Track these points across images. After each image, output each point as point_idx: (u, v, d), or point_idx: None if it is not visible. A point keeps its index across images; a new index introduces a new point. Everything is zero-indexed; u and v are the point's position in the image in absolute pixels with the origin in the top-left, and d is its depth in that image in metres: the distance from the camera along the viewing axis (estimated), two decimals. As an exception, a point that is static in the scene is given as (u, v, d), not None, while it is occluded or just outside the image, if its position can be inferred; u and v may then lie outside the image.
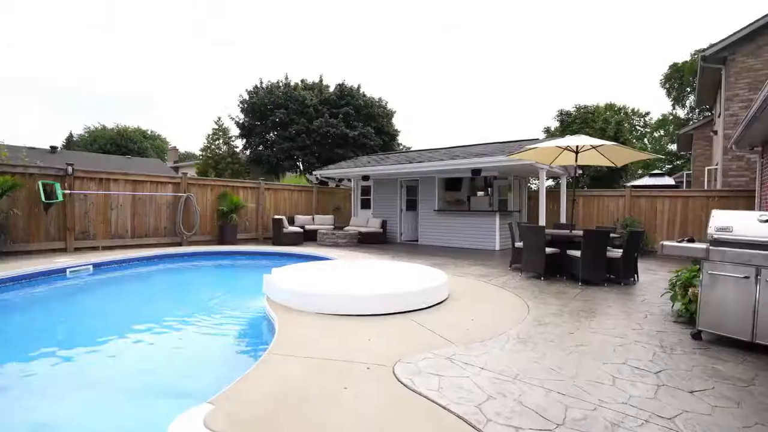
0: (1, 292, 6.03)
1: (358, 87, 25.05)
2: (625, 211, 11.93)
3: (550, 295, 5.74)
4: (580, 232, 6.77)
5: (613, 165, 8.04)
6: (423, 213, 13.37)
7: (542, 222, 10.42)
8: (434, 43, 75.95)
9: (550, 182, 23.92)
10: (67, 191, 9.36)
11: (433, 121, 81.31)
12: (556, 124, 23.98)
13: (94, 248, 9.79)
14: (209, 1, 67.13)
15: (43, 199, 8.86)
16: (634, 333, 4.05)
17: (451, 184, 14.10)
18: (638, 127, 37.04)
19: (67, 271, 7.33)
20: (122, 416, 2.89)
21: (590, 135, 19.06)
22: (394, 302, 4.54)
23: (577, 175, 15.35)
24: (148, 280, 8.12)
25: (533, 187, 16.38)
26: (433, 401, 2.50)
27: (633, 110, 35.52)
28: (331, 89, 25.11)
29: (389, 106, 26.43)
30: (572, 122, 22.47)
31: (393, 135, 26.42)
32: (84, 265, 7.65)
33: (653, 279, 7.13)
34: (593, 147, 7.27)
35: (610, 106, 29.30)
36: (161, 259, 9.24)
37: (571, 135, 9.03)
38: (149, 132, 44.70)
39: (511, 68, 78.02)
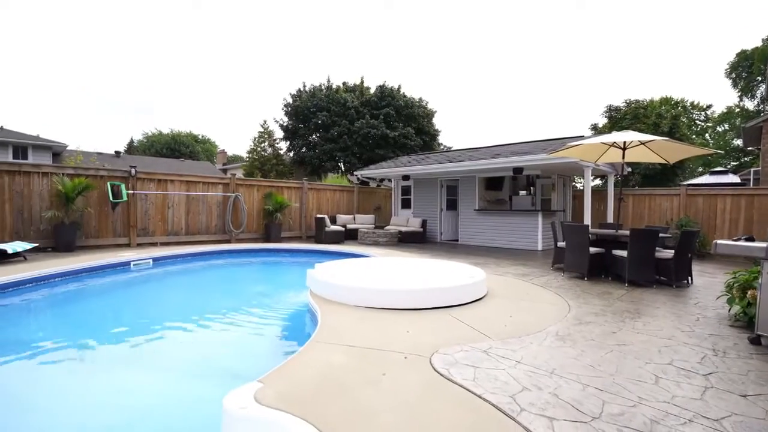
0: (80, 280, 6.75)
1: (399, 88, 25.22)
2: (680, 211, 11.25)
3: (593, 295, 5.59)
4: (627, 232, 6.52)
5: (666, 162, 7.65)
6: (463, 212, 13.29)
7: (587, 222, 10.07)
8: (475, 41, 74.75)
9: (597, 181, 22.95)
10: (131, 191, 10.19)
11: (474, 120, 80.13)
12: (604, 120, 22.96)
13: (153, 244, 10.58)
14: (254, 11, 69.95)
15: (111, 198, 9.71)
16: (683, 335, 3.89)
17: (492, 183, 13.91)
18: (698, 122, 34.58)
19: (131, 264, 8.02)
20: (182, 390, 3.20)
21: (642, 131, 18.10)
22: (432, 297, 4.62)
23: (626, 173, 14.66)
24: (201, 274, 8.68)
25: (579, 186, 15.81)
26: (468, 390, 2.58)
27: (692, 104, 33.21)
28: (372, 90, 25.44)
29: (430, 106, 26.40)
30: (622, 118, 21.43)
31: (433, 135, 26.36)
32: (145, 259, 8.32)
33: (710, 282, 6.73)
34: (642, 143, 6.96)
35: (665, 100, 27.64)
36: (212, 255, 9.85)
37: (620, 132, 8.68)
38: (200, 136, 47.27)
39: (556, 63, 75.23)
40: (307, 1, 65.65)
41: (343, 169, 24.69)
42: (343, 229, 13.19)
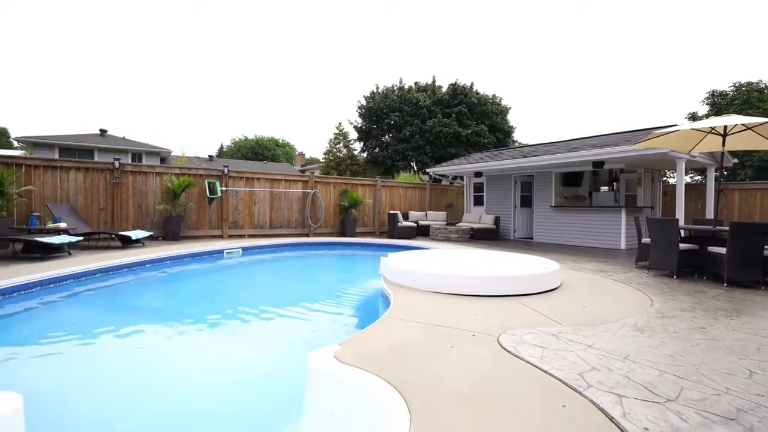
0: (186, 264, 7.82)
1: (471, 85, 24.85)
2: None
3: (681, 293, 5.18)
4: (727, 228, 5.90)
5: (778, 149, 6.76)
6: (538, 209, 12.82)
7: (680, 219, 9.19)
8: (552, 30, 70.58)
9: (691, 176, 20.54)
10: (224, 188, 11.37)
11: (552, 115, 75.84)
12: (705, 108, 20.44)
13: (242, 236, 11.70)
14: (330, 20, 73.04)
15: (207, 194, 10.94)
16: (789, 335, 3.52)
17: (570, 178, 13.22)
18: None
19: (224, 252, 9.00)
20: (272, 354, 3.65)
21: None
22: (502, 285, 4.65)
23: (729, 164, 13.05)
24: (283, 263, 9.46)
25: (672, 181, 14.37)
26: (534, 365, 2.64)
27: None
28: (444, 89, 25.37)
29: (504, 103, 25.65)
30: (729, 104, 18.89)
31: (508, 132, 25.56)
32: (235, 248, 9.28)
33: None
34: (747, 127, 6.24)
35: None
36: (293, 247, 10.66)
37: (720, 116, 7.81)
38: (281, 140, 50.61)
39: (644, 49, 68.36)
40: (380, 5, 67.08)
41: (415, 168, 24.95)
42: (415, 225, 13.42)
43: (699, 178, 20.47)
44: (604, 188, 13.07)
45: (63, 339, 3.83)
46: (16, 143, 26.53)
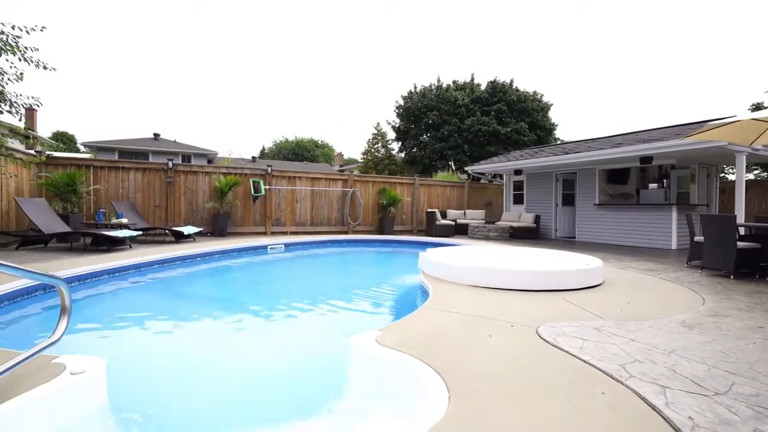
0: (233, 258, 8.30)
1: (511, 82, 24.32)
2: None
3: (739, 293, 4.90)
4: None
5: None
6: (581, 208, 12.41)
7: (740, 218, 8.62)
8: (596, 20, 67.55)
9: (756, 172, 18.99)
10: (268, 186, 11.85)
11: (596, 112, 72.63)
12: (771, 99, 18.87)
13: (284, 233, 12.14)
14: (368, 21, 73.75)
15: (252, 192, 11.45)
16: None
17: (615, 175, 12.69)
18: None
19: (268, 248, 9.41)
20: (317, 338, 3.84)
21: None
22: (542, 280, 4.61)
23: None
24: (324, 258, 9.76)
25: (730, 177, 13.44)
26: (573, 355, 2.64)
27: None
28: (483, 87, 24.99)
29: (545, 99, 24.91)
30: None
31: (549, 129, 24.80)
32: (278, 244, 9.67)
33: None
34: (815, 118, 5.77)
35: None
36: (333, 244, 10.96)
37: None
38: (320, 141, 51.71)
39: (697, 39, 63.92)
40: (416, 5, 66.97)
41: (453, 167, 24.77)
42: (453, 223, 13.37)
43: (766, 174, 18.99)
44: (653, 185, 12.44)
45: (132, 318, 4.22)
46: (82, 148, 28.84)
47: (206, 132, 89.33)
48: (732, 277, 5.85)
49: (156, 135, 30.20)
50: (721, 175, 12.12)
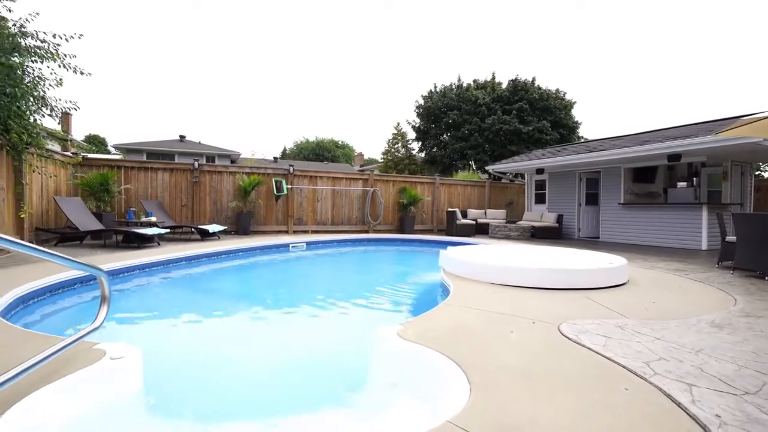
0: (256, 255, 8.52)
1: (533, 80, 23.97)
2: None
3: (773, 294, 4.74)
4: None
5: None
6: (605, 207, 12.15)
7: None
8: (618, 17, 65.72)
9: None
10: (289, 186, 12.06)
11: (621, 110, 70.67)
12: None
13: (305, 231, 12.32)
14: (388, 19, 73.86)
15: (275, 192, 11.67)
16: None
17: (642, 174, 12.35)
18: None
19: (290, 246, 9.59)
20: (339, 331, 3.93)
21: None
22: (564, 278, 4.57)
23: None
24: (345, 256, 9.89)
25: (767, 175, 12.90)
26: (596, 352, 2.62)
27: None
28: (504, 85, 24.71)
29: (568, 97, 24.44)
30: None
31: (572, 128, 24.32)
32: (300, 242, 9.85)
33: None
34: None
35: None
36: (353, 242, 11.09)
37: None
38: (340, 142, 52.13)
39: (728, 31, 61.30)
40: (438, 5, 66.68)
41: (474, 167, 24.58)
42: (474, 223, 13.30)
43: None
44: (682, 184, 12.06)
45: (164, 311, 4.41)
46: (113, 150, 29.97)
47: (229, 134, 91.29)
48: (767, 278, 5.65)
49: (182, 137, 31.08)
50: (757, 172, 11.63)
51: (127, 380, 2.28)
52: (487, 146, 22.81)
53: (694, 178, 11.54)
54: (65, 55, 6.47)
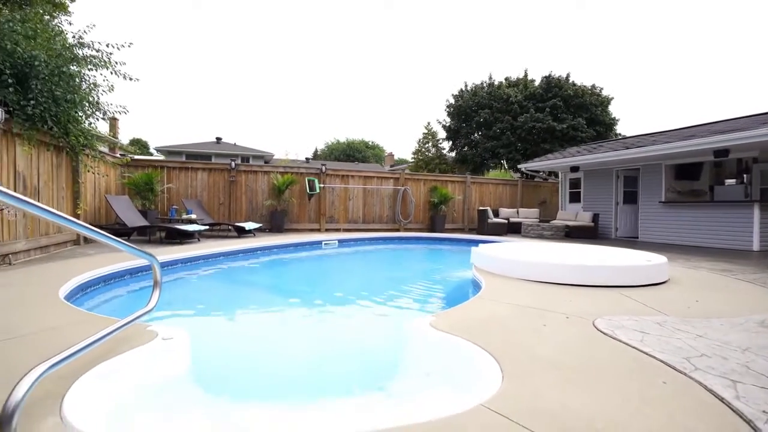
0: (290, 252, 8.77)
1: (567, 76, 23.31)
2: None
3: (832, 295, 4.45)
4: None
5: None
6: (645, 206, 11.68)
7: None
8: (657, 9, 62.63)
9: None
10: (322, 185, 12.32)
11: (661, 105, 67.36)
12: None
13: (337, 230, 12.55)
14: (420, 19, 73.70)
15: (308, 191, 11.95)
16: None
17: (685, 171, 11.77)
18: None
19: (322, 243, 9.82)
20: (373, 323, 4.03)
21: None
22: (600, 275, 4.46)
23: None
24: (377, 254, 10.03)
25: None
26: (632, 346, 2.57)
27: None
28: (537, 83, 24.16)
29: (604, 93, 23.60)
30: None
31: (609, 125, 23.45)
32: (332, 240, 10.05)
33: None
34: None
35: None
36: (385, 240, 11.22)
37: None
38: (371, 142, 52.50)
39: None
40: (470, 3, 65.92)
41: (506, 166, 24.18)
42: (506, 222, 13.12)
43: None
44: (731, 181, 11.42)
45: (208, 301, 4.65)
46: (155, 152, 31.52)
47: (262, 135, 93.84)
48: (824, 279, 5.30)
49: (218, 138, 32.26)
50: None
51: (177, 358, 2.45)
52: (520, 145, 22.37)
53: (745, 175, 10.91)
54: (116, 63, 6.91)
